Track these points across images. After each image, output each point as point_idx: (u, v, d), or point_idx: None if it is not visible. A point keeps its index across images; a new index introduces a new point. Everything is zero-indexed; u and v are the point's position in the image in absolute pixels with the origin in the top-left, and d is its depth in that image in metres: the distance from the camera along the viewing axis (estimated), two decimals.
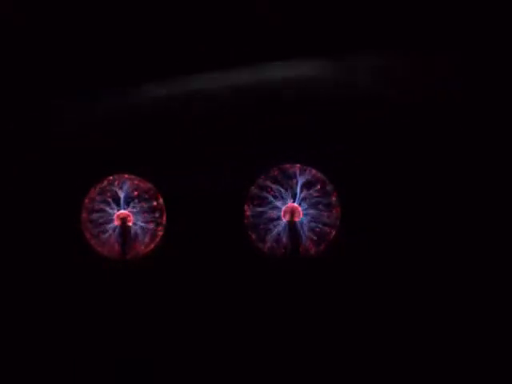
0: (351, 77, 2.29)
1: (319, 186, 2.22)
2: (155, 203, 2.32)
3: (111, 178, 2.32)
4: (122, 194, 2.31)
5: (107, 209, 2.31)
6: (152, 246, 2.32)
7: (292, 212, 2.23)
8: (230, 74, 2.37)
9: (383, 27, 2.33)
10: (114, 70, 2.46)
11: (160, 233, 2.32)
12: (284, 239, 2.24)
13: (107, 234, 2.31)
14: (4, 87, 2.45)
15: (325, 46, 2.36)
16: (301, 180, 2.22)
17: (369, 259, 2.24)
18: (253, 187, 2.24)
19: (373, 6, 2.32)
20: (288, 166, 2.24)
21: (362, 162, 2.30)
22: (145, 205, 2.32)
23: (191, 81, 2.38)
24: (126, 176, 2.32)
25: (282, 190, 2.23)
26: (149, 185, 2.33)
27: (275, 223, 2.24)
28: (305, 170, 2.22)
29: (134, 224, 2.31)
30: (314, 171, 2.23)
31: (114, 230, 2.31)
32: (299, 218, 2.23)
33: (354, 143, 2.31)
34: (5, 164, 2.43)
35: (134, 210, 2.31)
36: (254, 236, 2.25)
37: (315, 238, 2.23)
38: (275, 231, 2.24)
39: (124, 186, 2.31)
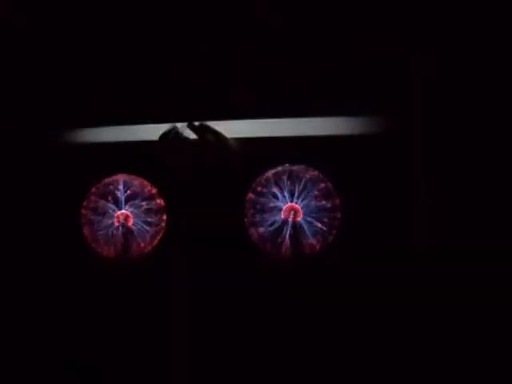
0: None
1: (320, 187, 2.22)
2: (155, 203, 2.32)
3: (111, 177, 2.32)
4: (121, 194, 2.30)
5: (107, 209, 2.31)
6: (152, 245, 2.32)
7: (292, 212, 2.23)
8: None
9: (383, 29, 2.34)
10: (115, 71, 2.46)
11: (160, 232, 2.32)
12: (285, 239, 2.24)
13: (107, 234, 2.31)
14: (4, 87, 2.45)
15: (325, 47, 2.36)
16: (301, 180, 2.22)
17: (369, 259, 2.24)
18: (254, 186, 2.25)
19: (372, 8, 2.33)
20: (288, 166, 2.24)
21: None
22: (145, 204, 2.31)
23: None
24: (126, 176, 2.32)
25: (283, 190, 2.23)
26: (149, 184, 2.32)
27: (276, 223, 2.24)
28: (306, 170, 2.22)
29: (134, 224, 2.31)
30: (315, 171, 2.23)
31: (113, 230, 2.31)
32: (300, 217, 2.23)
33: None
34: (4, 164, 2.42)
35: (134, 210, 2.31)
36: (253, 235, 2.25)
37: (317, 236, 2.23)
38: (275, 231, 2.24)
39: (124, 185, 2.31)
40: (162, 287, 2.31)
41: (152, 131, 2.40)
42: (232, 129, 2.33)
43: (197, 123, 2.30)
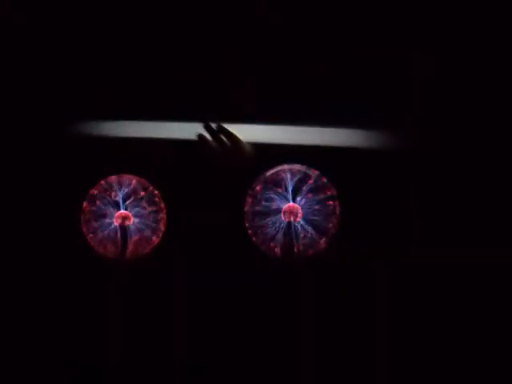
0: None
1: (320, 186, 2.22)
2: (155, 203, 2.32)
3: (111, 177, 2.32)
4: (121, 194, 2.30)
5: (107, 209, 2.31)
6: (152, 245, 2.32)
7: (292, 212, 2.23)
8: None
9: (383, 29, 2.33)
10: (113, 70, 2.46)
11: (160, 232, 2.32)
12: (284, 239, 2.24)
13: (107, 234, 2.31)
14: (4, 87, 2.45)
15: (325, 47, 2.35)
16: (300, 180, 2.22)
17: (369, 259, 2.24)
18: (253, 186, 2.24)
19: (371, 8, 2.33)
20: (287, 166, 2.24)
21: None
22: (145, 204, 2.31)
23: None
24: (126, 175, 2.32)
25: (282, 190, 2.23)
26: (149, 184, 2.32)
27: (275, 223, 2.24)
28: (305, 170, 2.22)
29: (134, 224, 2.31)
30: (315, 171, 2.23)
31: (113, 230, 2.31)
32: (300, 218, 2.23)
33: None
34: (4, 164, 2.43)
35: (134, 210, 2.31)
36: (253, 235, 2.25)
37: (316, 236, 2.23)
38: (275, 231, 2.24)
39: (124, 185, 2.31)
40: (162, 287, 2.31)
41: (151, 131, 2.41)
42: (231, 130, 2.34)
43: (213, 124, 2.30)
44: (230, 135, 2.29)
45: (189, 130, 2.34)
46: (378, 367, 2.16)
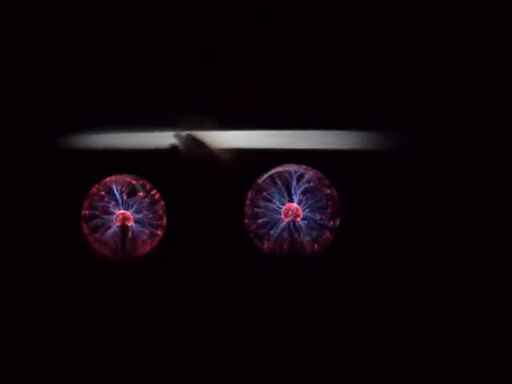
0: None
1: (317, 185, 2.23)
2: (155, 203, 2.32)
3: (111, 177, 2.32)
4: (121, 194, 2.30)
5: (107, 209, 2.31)
6: (152, 245, 2.32)
7: (292, 212, 2.23)
8: None
9: (383, 29, 2.34)
10: (113, 71, 2.46)
11: (160, 232, 2.32)
12: (284, 239, 2.25)
13: (107, 234, 2.31)
14: (3, 88, 2.45)
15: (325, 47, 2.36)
16: (299, 179, 2.22)
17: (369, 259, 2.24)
18: (253, 186, 2.25)
19: (371, 8, 2.33)
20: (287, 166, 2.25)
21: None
22: (144, 204, 2.31)
23: None
24: (126, 176, 2.32)
25: (282, 190, 2.23)
26: (149, 184, 2.32)
27: (275, 223, 2.24)
28: (303, 170, 2.23)
29: (134, 224, 2.31)
30: (314, 171, 2.23)
31: (113, 230, 2.31)
32: (300, 217, 2.23)
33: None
34: (4, 164, 2.42)
35: (134, 210, 2.31)
36: (253, 236, 2.25)
37: (316, 236, 2.23)
38: (275, 231, 2.24)
39: (124, 185, 2.31)
40: (161, 287, 2.31)
41: (153, 136, 2.41)
42: (226, 138, 2.34)
43: (184, 133, 2.30)
44: (200, 144, 2.28)
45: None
46: (380, 364, 2.17)
